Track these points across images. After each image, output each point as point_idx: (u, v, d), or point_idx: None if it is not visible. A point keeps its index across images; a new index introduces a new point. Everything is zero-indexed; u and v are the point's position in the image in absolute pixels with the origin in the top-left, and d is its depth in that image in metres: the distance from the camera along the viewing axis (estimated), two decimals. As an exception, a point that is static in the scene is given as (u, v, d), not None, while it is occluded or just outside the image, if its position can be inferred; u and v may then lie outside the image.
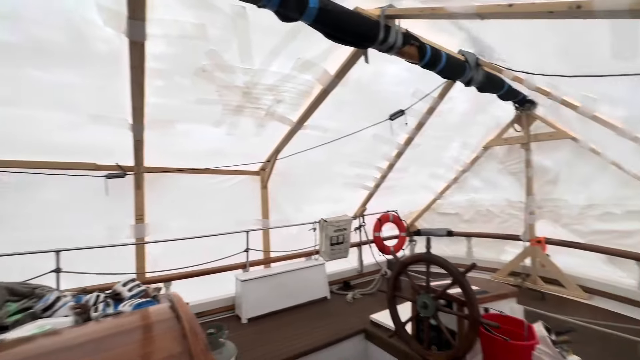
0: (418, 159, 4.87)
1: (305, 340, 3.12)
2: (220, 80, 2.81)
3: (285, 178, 4.58)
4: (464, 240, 5.40)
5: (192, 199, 4.06)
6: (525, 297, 3.99)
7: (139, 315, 1.61)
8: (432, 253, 2.48)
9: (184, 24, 2.18)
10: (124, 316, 1.72)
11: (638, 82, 1.83)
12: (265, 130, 3.76)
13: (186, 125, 3.33)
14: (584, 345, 2.78)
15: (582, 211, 4.23)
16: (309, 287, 4.23)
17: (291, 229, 4.82)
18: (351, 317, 3.68)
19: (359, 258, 5.19)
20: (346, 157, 4.47)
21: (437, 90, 3.68)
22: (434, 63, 2.65)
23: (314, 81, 3.15)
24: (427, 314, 2.42)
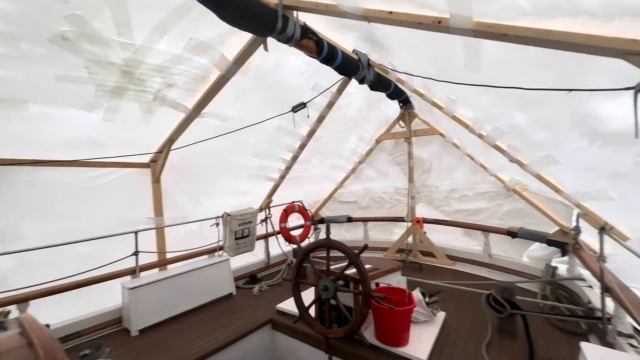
0: (320, 151, 5.11)
1: (207, 342, 2.96)
2: (89, 53, 2.34)
3: (181, 170, 4.17)
4: (361, 225, 5.98)
5: (58, 198, 3.31)
6: (408, 269, 4.70)
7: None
8: (331, 238, 2.65)
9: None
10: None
11: (481, 91, 2.32)
12: (155, 117, 3.32)
13: (44, 107, 2.67)
14: (448, 302, 3.45)
15: (447, 195, 5.19)
16: (212, 285, 4.01)
17: (191, 226, 4.46)
18: (258, 309, 3.66)
19: (266, 250, 5.18)
20: (249, 148, 4.35)
21: (336, 85, 3.91)
22: (331, 59, 2.79)
23: (211, 66, 2.93)
24: (328, 295, 2.59)
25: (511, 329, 2.82)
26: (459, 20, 1.52)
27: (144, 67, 2.66)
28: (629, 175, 2.05)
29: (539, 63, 1.63)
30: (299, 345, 3.12)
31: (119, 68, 2.57)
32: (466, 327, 3.00)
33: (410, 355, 2.45)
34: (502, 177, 4.30)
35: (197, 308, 3.78)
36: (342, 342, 2.73)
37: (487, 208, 4.73)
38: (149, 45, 2.47)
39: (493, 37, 1.49)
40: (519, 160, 3.14)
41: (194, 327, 3.29)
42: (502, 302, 2.80)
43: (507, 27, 1.43)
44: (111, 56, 2.44)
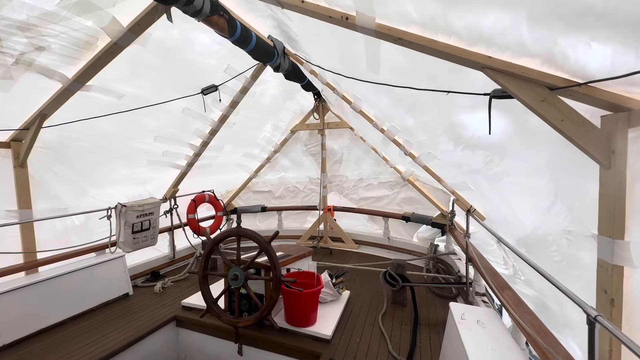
0: (233, 138, 4.90)
1: (94, 350, 2.58)
2: None
3: (61, 153, 3.46)
4: (276, 214, 6.01)
5: None
6: (319, 254, 4.96)
7: None
8: (242, 227, 2.59)
9: None
10: None
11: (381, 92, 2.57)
12: (18, 86, 2.66)
13: None
14: (352, 282, 3.79)
15: (355, 184, 5.63)
16: (101, 286, 3.49)
17: (73, 220, 3.76)
18: (159, 307, 3.36)
19: (171, 243, 4.76)
20: (150, 131, 3.87)
21: (250, 71, 3.78)
22: (244, 42, 2.68)
23: (98, 30, 2.48)
24: (238, 285, 2.54)
25: (402, 300, 3.27)
26: (364, 18, 1.64)
27: (1, 24, 2.09)
28: (481, 172, 2.60)
29: (425, 70, 1.89)
30: (206, 339, 3.00)
31: (-41, 16, 1.96)
32: (367, 302, 3.35)
33: (317, 332, 2.61)
34: (399, 168, 4.88)
35: (82, 314, 3.25)
36: (252, 329, 2.73)
37: (388, 196, 5.32)
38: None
39: (392, 39, 1.67)
40: (412, 154, 3.61)
41: (76, 337, 2.83)
42: (396, 277, 3.22)
43: (402, 32, 1.62)
44: (-57, -3, 1.84)
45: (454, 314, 2.16)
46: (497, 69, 1.42)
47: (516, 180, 2.30)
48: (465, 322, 2.04)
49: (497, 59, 1.42)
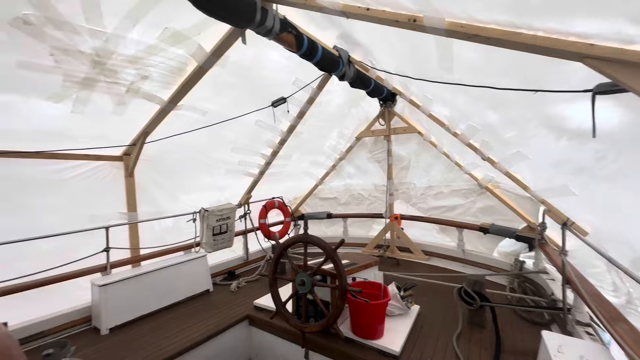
0: (301, 147, 5.10)
1: (181, 339, 2.91)
2: (56, 40, 2.21)
3: (157, 164, 4.04)
4: (341, 221, 6.03)
5: (19, 191, 3.13)
6: (386, 264, 4.80)
7: None
8: (308, 234, 2.66)
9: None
10: None
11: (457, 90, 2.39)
12: (129, 109, 3.20)
13: (5, 95, 2.51)
14: (422, 296, 3.55)
15: (424, 192, 5.32)
16: (188, 282, 3.93)
17: (166, 222, 4.34)
18: (235, 305, 3.62)
19: (245, 246, 5.13)
20: (228, 142, 4.28)
21: (316, 81, 3.90)
22: (311, 54, 2.78)
23: (187, 57, 2.84)
24: (305, 290, 2.60)
25: (480, 321, 2.94)
26: (433, 19, 1.55)
27: (117, 58, 2.55)
28: (590, 170, 2.17)
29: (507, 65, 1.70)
30: (276, 340, 3.13)
31: (89, 57, 2.45)
32: (439, 319, 3.10)
33: (384, 347, 2.51)
34: (475, 174, 4.46)
35: (172, 305, 3.70)
36: (319, 336, 2.75)
37: (462, 205, 4.89)
38: (121, 34, 2.37)
39: (465, 37, 1.54)
40: (490, 159, 3.26)
41: (167, 325, 3.22)
42: (473, 295, 2.92)
43: (478, 28, 1.48)
44: (80, 44, 2.32)
45: (548, 345, 1.86)
46: (603, 57, 1.19)
47: (636, 184, 1.87)
48: (564, 357, 1.73)
49: (602, 46, 1.20)
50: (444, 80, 2.21)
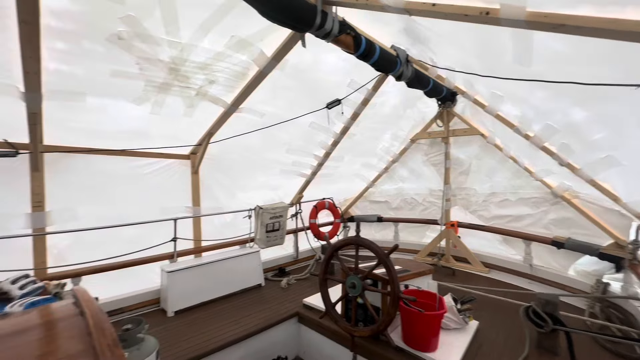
0: (353, 149, 5.07)
1: (236, 329, 3.07)
2: (141, 51, 2.50)
3: (218, 163, 4.34)
4: (392, 225, 5.86)
5: (108, 184, 3.59)
6: (440, 273, 4.53)
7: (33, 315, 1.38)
8: (360, 236, 2.62)
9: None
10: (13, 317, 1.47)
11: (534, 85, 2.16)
12: (197, 111, 3.49)
13: (100, 99, 2.91)
14: (481, 311, 3.28)
15: (486, 199, 4.91)
16: (243, 275, 4.14)
17: (225, 217, 4.63)
18: (285, 302, 3.72)
19: (295, 244, 5.26)
20: (283, 143, 4.42)
21: (372, 82, 3.85)
22: (368, 55, 2.74)
23: (250, 62, 3.01)
24: (355, 293, 2.57)
25: (552, 346, 2.61)
26: (510, 10, 1.42)
27: (189, 65, 2.80)
28: None
29: (601, 55, 1.47)
30: (324, 340, 3.14)
31: (167, 65, 2.72)
32: (500, 339, 2.83)
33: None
34: (549, 182, 3.99)
35: (228, 296, 3.93)
36: (368, 341, 2.70)
37: (531, 215, 4.41)
38: (194, 44, 2.60)
39: (549, 28, 1.38)
40: (570, 164, 2.88)
41: (223, 314, 3.43)
42: (544, 316, 2.60)
43: (566, 17, 1.31)
44: (160, 54, 2.59)
45: (644, 386, 1.57)
46: None
47: None
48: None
49: None
50: (520, 76, 2.01)
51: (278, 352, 3.28)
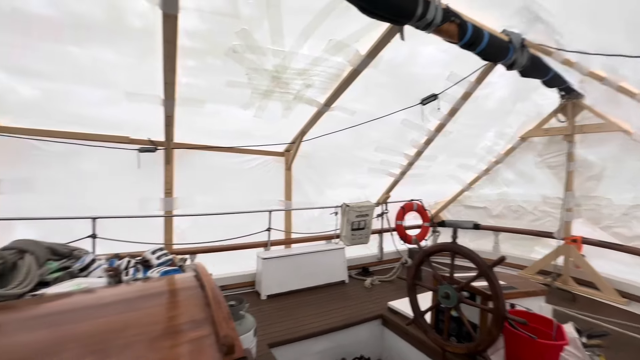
0: (448, 147, 4.68)
1: (322, 321, 3.17)
2: (250, 62, 2.79)
3: (309, 160, 4.56)
4: (490, 235, 5.20)
5: (218, 177, 4.15)
6: (555, 297, 3.81)
7: (165, 282, 1.67)
8: (458, 243, 2.39)
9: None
10: (152, 281, 1.81)
11: None
12: (292, 112, 3.73)
13: (215, 105, 3.36)
14: (618, 351, 2.62)
15: (627, 212, 3.90)
16: (327, 269, 4.26)
17: (313, 212, 4.84)
18: (368, 302, 3.68)
19: (380, 245, 5.15)
20: (373, 141, 4.37)
21: (475, 74, 3.46)
22: (475, 43, 2.47)
23: (344, 63, 3.05)
24: (449, 305, 2.35)
25: None
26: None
27: (289, 72, 3.01)
28: None
29: None
30: (409, 348, 2.98)
31: (270, 74, 2.99)
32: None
33: (555, 402, 1.98)
34: None
35: (313, 288, 4.09)
36: (462, 359, 2.44)
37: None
38: (295, 51, 2.77)
39: None
40: None
41: (309, 304, 3.58)
42: None
43: None
44: (265, 64, 2.85)
45: None
46: None
47: None
48: None
49: None
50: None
51: (360, 351, 3.26)
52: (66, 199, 3.38)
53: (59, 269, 1.93)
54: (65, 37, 2.21)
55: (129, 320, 1.13)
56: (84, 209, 3.27)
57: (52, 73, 2.51)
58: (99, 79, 2.68)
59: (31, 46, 2.29)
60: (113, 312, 1.19)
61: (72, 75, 2.58)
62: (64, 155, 3.32)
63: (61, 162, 3.33)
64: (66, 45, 2.28)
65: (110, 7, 2.06)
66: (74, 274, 1.91)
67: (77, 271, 1.92)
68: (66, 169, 3.38)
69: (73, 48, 2.30)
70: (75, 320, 1.12)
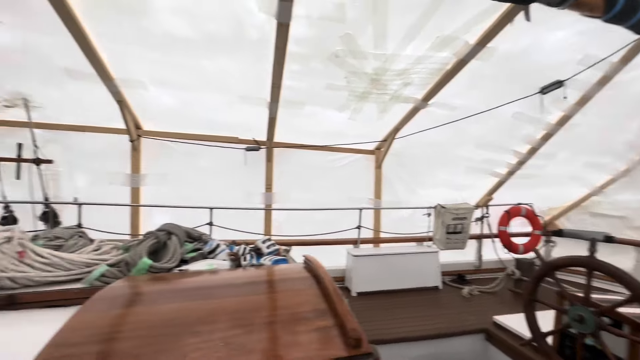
0: (573, 143, 3.93)
1: (416, 326, 3.03)
2: (350, 66, 2.84)
3: (400, 159, 4.42)
4: (630, 251, 4.20)
5: (311, 174, 4.35)
6: None
7: (281, 270, 1.82)
8: (596, 258, 1.98)
9: (326, 2, 2.22)
10: (268, 268, 1.99)
11: None
12: (386, 113, 3.65)
13: (313, 107, 3.52)
14: None
15: None
16: (420, 273, 4.06)
17: (402, 212, 4.68)
18: (466, 313, 3.37)
19: (478, 252, 4.67)
20: (474, 138, 3.97)
21: (620, 53, 2.82)
22: (629, 12, 1.99)
23: (448, 57, 2.83)
24: (583, 330, 1.98)
25: None
26: None
27: (389, 74, 2.96)
28: None
29: None
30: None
31: (369, 77, 2.98)
32: None
33: None
34: None
35: (404, 290, 3.95)
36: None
37: None
38: (398, 53, 2.69)
39: None
40: None
41: (401, 307, 3.47)
42: None
43: None
44: (365, 67, 2.85)
45: None
46: None
47: None
48: None
49: None
50: None
51: (458, 366, 3.02)
52: (189, 190, 4.00)
53: (193, 249, 2.28)
54: (200, 53, 2.61)
55: (261, 302, 1.26)
56: (203, 200, 3.80)
57: (186, 84, 3.00)
58: (220, 86, 3.09)
59: (173, 62, 2.77)
60: (247, 293, 1.34)
61: (201, 85, 3.04)
62: (188, 154, 3.94)
63: (186, 159, 3.97)
64: (200, 60, 2.68)
65: (235, 23, 2.33)
66: (204, 255, 2.23)
67: (207, 253, 2.25)
68: (189, 166, 4.00)
69: (205, 61, 2.70)
70: (221, 296, 1.30)
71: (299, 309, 1.25)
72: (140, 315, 1.08)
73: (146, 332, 0.97)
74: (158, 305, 1.18)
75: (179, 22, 2.32)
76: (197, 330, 0.98)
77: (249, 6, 2.16)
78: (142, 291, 1.33)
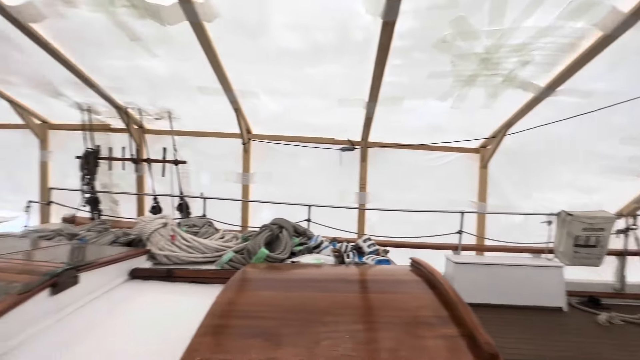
0: None
1: (533, 350, 2.63)
2: (457, 49, 2.61)
3: (512, 157, 3.89)
4: None
5: (406, 174, 4.20)
6: None
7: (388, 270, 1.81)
8: None
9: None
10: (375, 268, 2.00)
11: None
12: (496, 102, 3.26)
13: (413, 101, 3.39)
14: None
15: None
16: (537, 289, 3.50)
17: (513, 218, 4.11)
18: (607, 346, 2.76)
19: (620, 271, 3.77)
20: (617, 131, 3.23)
21: None
22: None
23: (587, 29, 2.35)
24: None
25: None
26: None
27: (502, 51, 2.62)
28: None
29: None
30: None
31: (479, 57, 2.70)
32: None
33: None
34: None
35: (517, 307, 3.47)
36: None
37: None
38: (516, 26, 2.37)
39: None
40: None
41: (513, 325, 3.06)
42: None
43: None
44: (475, 47, 2.59)
45: None
46: None
47: None
48: None
49: None
50: None
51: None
52: (290, 188, 4.32)
53: (299, 243, 2.46)
54: (304, 62, 2.80)
55: (379, 301, 1.26)
56: (301, 198, 4.05)
57: (291, 91, 3.26)
58: (323, 91, 3.25)
59: (281, 72, 3.04)
60: (361, 290, 1.37)
61: (304, 91, 3.25)
62: (290, 155, 4.26)
63: (288, 160, 4.30)
64: (304, 68, 2.88)
65: (341, 27, 2.42)
66: (310, 249, 2.38)
67: (312, 248, 2.39)
68: (291, 166, 4.33)
69: (309, 69, 2.88)
70: (337, 290, 1.35)
71: (418, 312, 1.21)
72: (274, 299, 1.21)
73: (282, 314, 1.07)
74: (286, 292, 1.30)
75: (290, 36, 2.52)
76: (324, 320, 1.04)
77: (356, 8, 2.20)
78: (268, 277, 1.49)
